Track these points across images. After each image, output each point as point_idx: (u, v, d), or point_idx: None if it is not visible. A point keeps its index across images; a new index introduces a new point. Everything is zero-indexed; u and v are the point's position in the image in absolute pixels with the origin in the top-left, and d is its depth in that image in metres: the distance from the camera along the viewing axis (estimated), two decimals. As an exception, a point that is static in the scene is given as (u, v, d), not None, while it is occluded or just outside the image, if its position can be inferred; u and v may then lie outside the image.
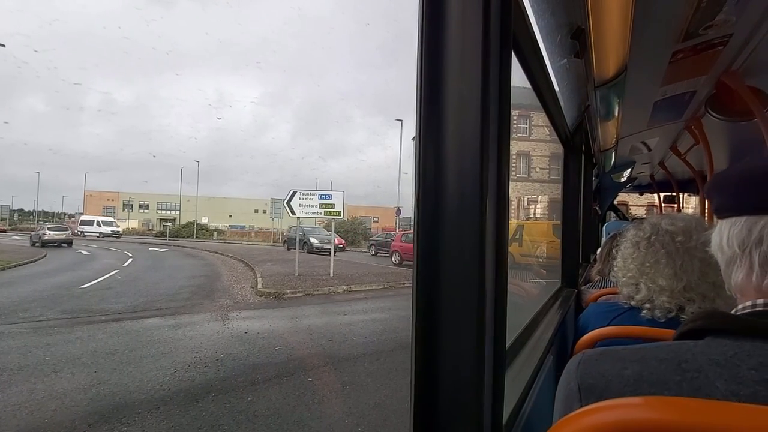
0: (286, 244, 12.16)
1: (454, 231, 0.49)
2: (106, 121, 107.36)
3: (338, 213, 12.06)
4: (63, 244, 22.90)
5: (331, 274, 11.61)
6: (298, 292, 9.20)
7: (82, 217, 42.29)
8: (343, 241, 24.72)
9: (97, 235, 37.30)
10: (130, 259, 16.59)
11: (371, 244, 23.15)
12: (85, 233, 37.63)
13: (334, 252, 13.65)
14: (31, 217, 60.78)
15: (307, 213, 11.90)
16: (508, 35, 0.58)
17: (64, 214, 66.68)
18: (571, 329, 1.56)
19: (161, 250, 23.33)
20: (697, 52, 1.39)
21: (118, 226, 40.45)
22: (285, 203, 11.79)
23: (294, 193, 11.74)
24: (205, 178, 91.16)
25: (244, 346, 5.28)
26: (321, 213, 12.00)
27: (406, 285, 10.87)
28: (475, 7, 0.49)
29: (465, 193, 0.49)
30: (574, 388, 0.46)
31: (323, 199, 11.87)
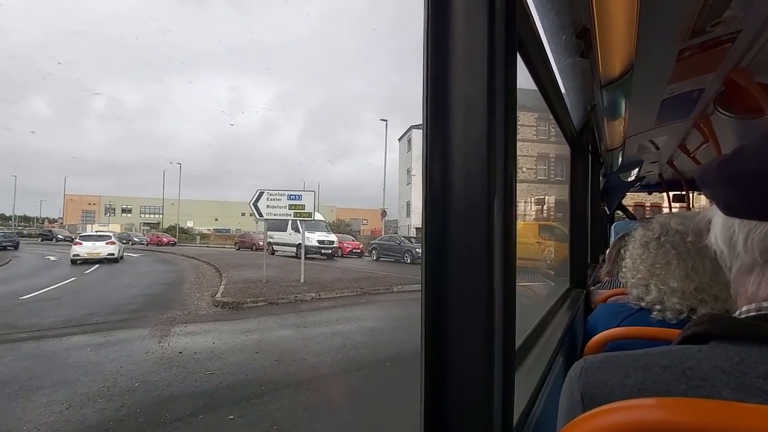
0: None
1: (462, 232, 0.50)
2: (105, 125, 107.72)
3: (308, 214, 11.35)
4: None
5: (302, 280, 10.86)
6: (260, 301, 8.54)
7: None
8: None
9: (293, 251, 20.25)
10: (97, 266, 15.97)
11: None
12: (276, 247, 21.59)
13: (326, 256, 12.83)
14: (10, 222, 60.42)
15: (275, 214, 11.17)
16: (514, 36, 0.58)
17: (45, 219, 65.71)
18: (581, 330, 1.55)
19: (135, 255, 22.21)
20: (705, 50, 1.38)
21: (330, 232, 22.47)
22: (251, 204, 10.96)
23: (261, 194, 10.94)
24: (206, 182, 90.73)
25: (171, 370, 4.53)
26: (291, 214, 11.31)
27: (380, 291, 10.38)
28: (480, 9, 0.50)
29: (472, 194, 0.49)
30: (577, 397, 0.45)
31: (293, 199, 11.20)
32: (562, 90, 1.38)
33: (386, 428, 3.41)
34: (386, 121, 31.85)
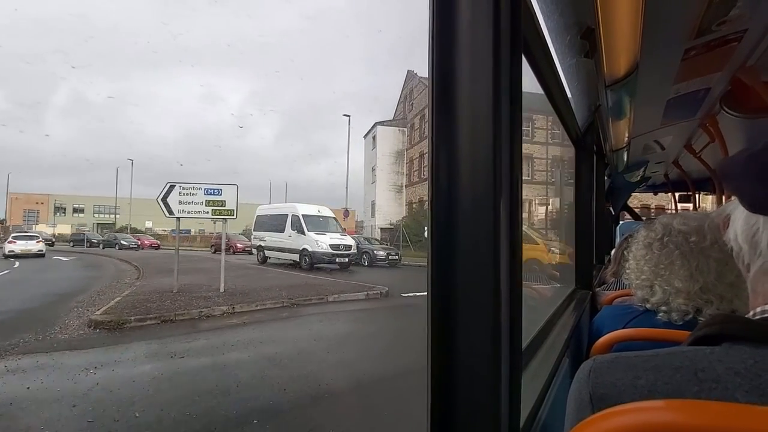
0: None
1: (469, 232, 0.50)
2: (68, 120, 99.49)
3: (230, 212, 9.48)
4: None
5: (222, 290, 9.18)
6: (151, 318, 6.84)
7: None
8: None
9: (293, 259, 15.69)
10: (5, 272, 14.23)
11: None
12: (269, 253, 16.74)
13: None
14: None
15: (189, 212, 9.26)
16: (518, 37, 0.58)
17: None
18: (587, 331, 1.54)
19: (64, 259, 20.32)
20: (711, 49, 1.37)
21: (345, 234, 17.11)
22: (158, 200, 9.10)
23: (172, 188, 9.09)
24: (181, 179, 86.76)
25: None
26: (208, 212, 9.44)
27: (312, 302, 8.67)
28: (485, 10, 0.50)
29: (478, 195, 0.49)
30: (586, 397, 0.45)
31: (211, 194, 9.33)
32: (567, 90, 1.38)
33: None
34: (349, 116, 30.38)
